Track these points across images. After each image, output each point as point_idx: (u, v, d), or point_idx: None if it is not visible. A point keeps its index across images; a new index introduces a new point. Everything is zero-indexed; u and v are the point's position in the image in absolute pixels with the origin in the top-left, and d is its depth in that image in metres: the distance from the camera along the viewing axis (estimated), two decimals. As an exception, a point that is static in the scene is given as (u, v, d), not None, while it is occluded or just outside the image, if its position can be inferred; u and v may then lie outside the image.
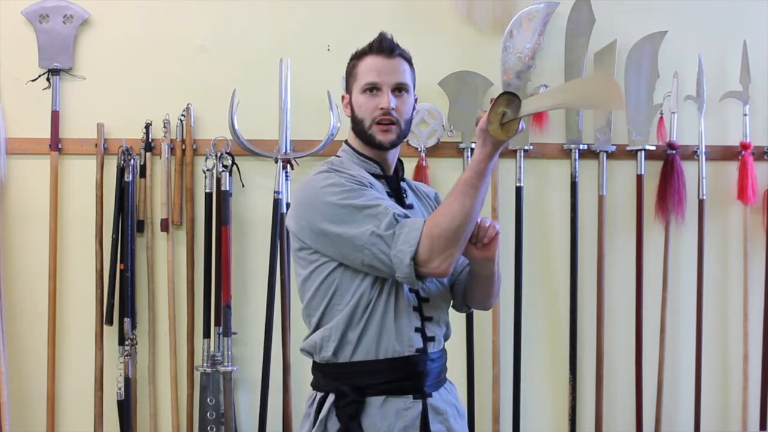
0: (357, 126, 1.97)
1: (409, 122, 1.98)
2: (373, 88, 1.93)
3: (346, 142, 2.03)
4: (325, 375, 1.94)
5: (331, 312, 1.91)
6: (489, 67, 3.05)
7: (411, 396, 1.90)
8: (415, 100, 2.02)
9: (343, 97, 2.03)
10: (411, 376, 1.90)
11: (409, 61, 1.98)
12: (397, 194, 1.98)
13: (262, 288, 2.95)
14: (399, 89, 1.93)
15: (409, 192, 2.04)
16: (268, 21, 3.06)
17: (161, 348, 3.00)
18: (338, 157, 2.01)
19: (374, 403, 1.89)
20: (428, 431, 1.90)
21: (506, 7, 3.07)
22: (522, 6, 3.07)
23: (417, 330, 1.91)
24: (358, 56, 1.99)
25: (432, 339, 1.93)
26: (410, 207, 1.99)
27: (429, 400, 1.92)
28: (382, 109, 1.91)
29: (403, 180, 2.05)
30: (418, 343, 1.91)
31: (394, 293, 1.89)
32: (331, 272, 1.90)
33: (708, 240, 3.11)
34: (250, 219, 3.04)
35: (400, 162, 2.04)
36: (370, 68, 1.94)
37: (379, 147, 1.94)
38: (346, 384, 1.90)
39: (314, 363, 1.98)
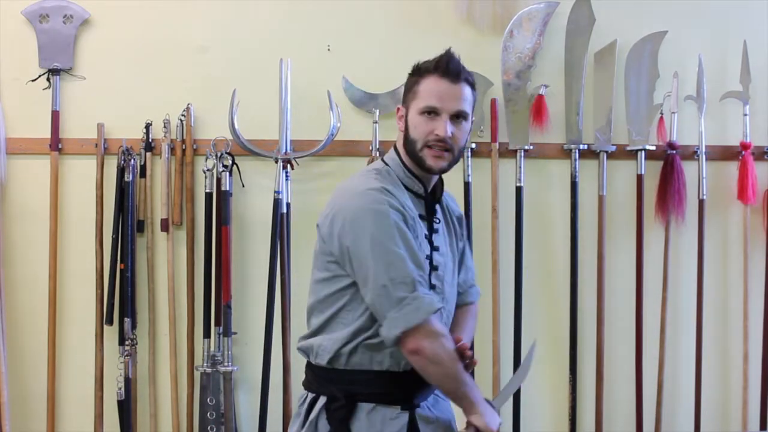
0: (409, 146, 1.92)
1: (462, 149, 1.95)
2: (431, 112, 1.88)
3: (395, 148, 1.98)
4: (318, 377, 1.94)
5: (334, 323, 1.90)
6: (489, 67, 3.05)
7: (399, 407, 1.90)
8: (472, 122, 1.97)
9: (398, 108, 1.97)
10: (401, 389, 1.91)
11: (472, 85, 1.93)
12: (430, 216, 1.95)
13: (262, 288, 2.95)
14: (457, 116, 1.89)
15: (439, 213, 1.99)
16: (268, 21, 3.06)
17: (161, 348, 3.00)
18: (387, 165, 1.96)
19: (364, 408, 1.90)
20: None
21: (506, 7, 3.07)
22: (522, 6, 3.07)
23: None
24: (421, 72, 1.92)
25: None
26: (435, 231, 1.96)
27: (417, 411, 1.92)
28: (437, 135, 1.87)
29: (439, 201, 2.00)
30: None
31: None
32: (345, 287, 1.88)
33: (708, 240, 3.10)
34: (250, 219, 3.04)
35: (441, 181, 2.00)
36: (432, 91, 1.88)
37: (427, 171, 1.91)
38: (338, 389, 1.90)
39: (308, 363, 1.98)
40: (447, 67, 1.89)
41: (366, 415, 1.90)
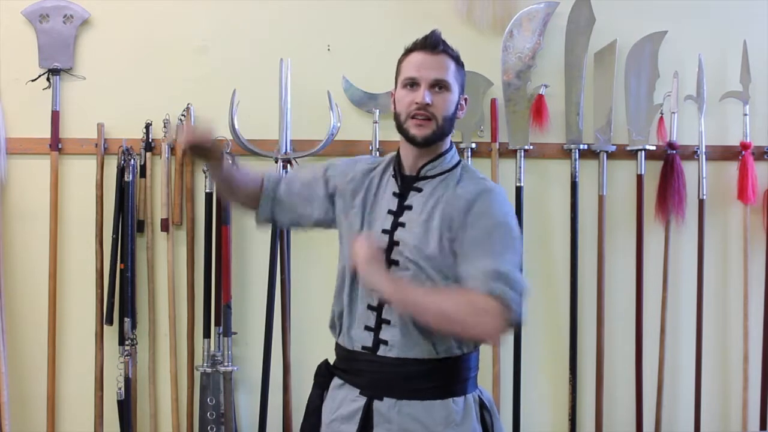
0: (397, 121, 1.97)
1: (449, 120, 1.93)
2: (412, 83, 1.92)
3: None
4: None
5: None
6: (489, 67, 3.05)
7: (358, 391, 1.94)
8: (465, 100, 2.00)
9: (391, 93, 2.03)
10: (358, 371, 1.95)
11: (455, 59, 1.96)
12: (404, 192, 1.96)
13: (262, 288, 2.95)
14: (438, 86, 1.91)
15: (425, 191, 1.95)
16: (268, 21, 3.06)
17: (161, 348, 3.00)
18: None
19: (335, 382, 2.00)
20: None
21: (506, 7, 3.07)
22: (522, 6, 3.07)
23: (368, 329, 1.93)
24: (405, 52, 1.98)
25: (384, 342, 1.91)
26: (408, 208, 1.95)
27: (376, 403, 1.91)
28: (417, 103, 1.90)
29: (425, 178, 1.96)
30: (366, 341, 1.93)
31: (349, 288, 1.97)
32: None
33: (708, 240, 3.10)
34: (250, 219, 3.03)
35: (458, 164, 2.01)
36: (412, 63, 1.93)
37: (412, 141, 1.93)
38: (332, 359, 2.04)
39: None
40: (425, 41, 1.94)
41: (333, 388, 2.00)
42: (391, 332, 1.91)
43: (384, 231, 1.94)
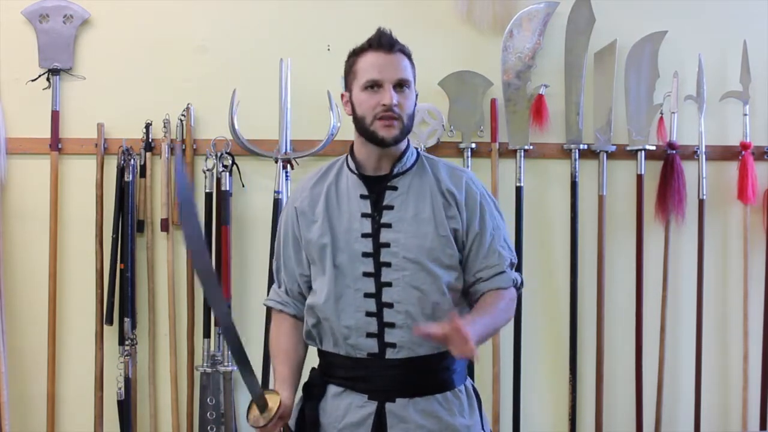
0: (358, 123, 1.94)
1: (411, 117, 1.94)
2: (374, 85, 1.90)
3: None
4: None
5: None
6: (489, 67, 3.05)
7: (366, 396, 1.91)
8: (416, 95, 1.99)
9: (342, 95, 2.01)
10: (364, 377, 1.91)
11: (408, 56, 1.96)
12: (378, 196, 1.94)
13: (262, 288, 2.95)
14: (400, 85, 1.90)
15: (401, 189, 1.94)
16: (268, 21, 3.06)
17: (161, 348, 3.00)
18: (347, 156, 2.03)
19: (332, 391, 1.95)
20: None
21: (506, 7, 3.07)
22: (522, 6, 3.07)
23: (370, 335, 1.89)
24: (356, 53, 1.96)
25: (391, 346, 1.89)
26: (389, 208, 1.93)
27: (388, 405, 1.89)
28: (384, 105, 1.88)
29: (397, 176, 1.95)
30: (372, 348, 1.89)
31: (340, 298, 1.90)
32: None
33: (708, 240, 3.10)
34: (250, 219, 3.04)
35: (407, 154, 1.98)
36: (371, 65, 1.91)
37: (381, 143, 1.91)
38: (320, 367, 2.00)
39: None
40: (380, 41, 1.93)
41: (332, 397, 1.94)
42: (398, 335, 1.89)
43: (365, 235, 1.92)
